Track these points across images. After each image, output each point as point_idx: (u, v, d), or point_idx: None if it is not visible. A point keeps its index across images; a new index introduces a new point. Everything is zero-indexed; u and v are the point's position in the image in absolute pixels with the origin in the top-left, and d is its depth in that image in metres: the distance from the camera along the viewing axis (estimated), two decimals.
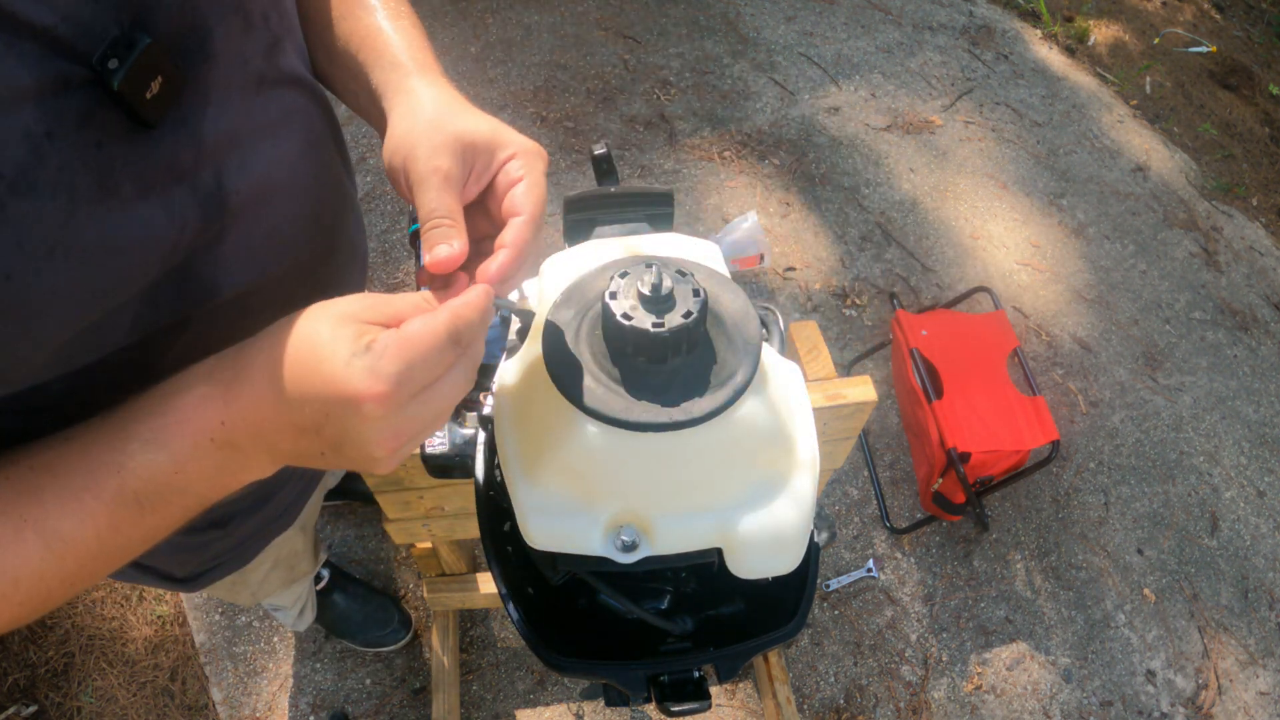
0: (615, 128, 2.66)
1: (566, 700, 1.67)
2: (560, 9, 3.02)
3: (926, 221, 2.56)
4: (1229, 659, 1.89)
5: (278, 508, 0.84)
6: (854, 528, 1.96)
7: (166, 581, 0.82)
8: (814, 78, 2.92)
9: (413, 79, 0.55)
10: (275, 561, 1.05)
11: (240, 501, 0.77)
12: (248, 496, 0.77)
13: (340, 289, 0.69)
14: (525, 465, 0.53)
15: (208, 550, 0.81)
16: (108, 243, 0.42)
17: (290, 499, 0.86)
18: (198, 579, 0.85)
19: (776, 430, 0.52)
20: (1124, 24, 3.45)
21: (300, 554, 1.13)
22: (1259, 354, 2.44)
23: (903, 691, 1.76)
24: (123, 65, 0.38)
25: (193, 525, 0.73)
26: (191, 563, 0.82)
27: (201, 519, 0.74)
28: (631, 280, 0.50)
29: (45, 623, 1.69)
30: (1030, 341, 2.34)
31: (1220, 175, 2.96)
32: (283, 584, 1.15)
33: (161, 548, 0.75)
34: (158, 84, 0.41)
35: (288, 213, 0.58)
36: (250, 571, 0.97)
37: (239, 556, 0.87)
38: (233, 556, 0.86)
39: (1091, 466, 2.13)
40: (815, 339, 0.99)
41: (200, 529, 0.76)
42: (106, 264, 0.42)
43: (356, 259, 0.72)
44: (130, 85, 0.39)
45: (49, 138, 0.37)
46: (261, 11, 0.52)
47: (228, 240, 0.52)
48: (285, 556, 1.07)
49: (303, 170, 0.59)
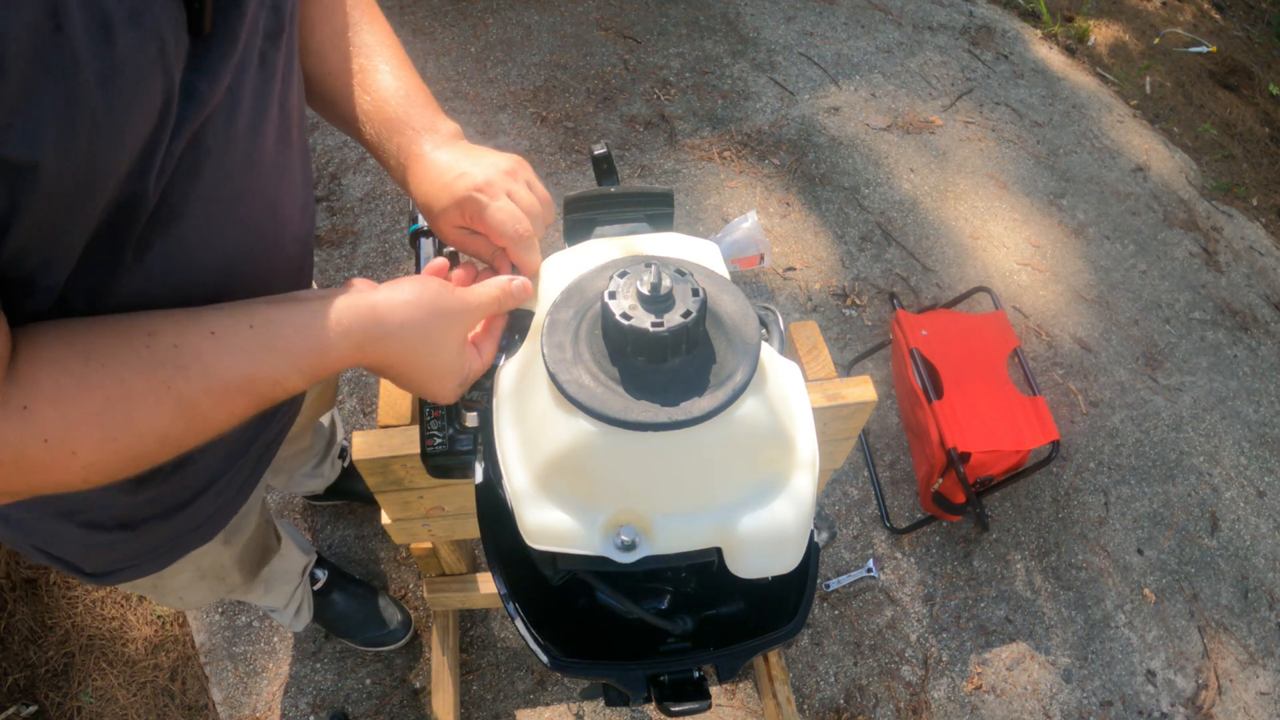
0: (615, 128, 2.66)
1: (566, 700, 1.67)
2: (560, 9, 3.02)
3: (926, 221, 2.56)
4: (1229, 659, 1.89)
5: (195, 518, 0.83)
6: (854, 528, 1.96)
7: (77, 573, 0.82)
8: (814, 78, 2.92)
9: (424, 143, 0.70)
10: (199, 571, 1.01)
11: (150, 507, 0.76)
12: (157, 503, 0.76)
13: (296, 228, 0.75)
14: (525, 465, 0.53)
15: (115, 550, 0.80)
16: (179, 88, 0.47)
17: (210, 511, 0.84)
18: (106, 575, 0.84)
19: (776, 430, 0.52)
20: (1124, 24, 3.45)
21: (228, 567, 1.08)
22: (1259, 354, 2.44)
23: (903, 691, 1.76)
24: None
25: (98, 522, 0.75)
26: (99, 560, 0.81)
27: (108, 518, 0.75)
28: (631, 280, 0.50)
29: (45, 622, 1.69)
30: (1030, 341, 2.34)
31: (1220, 175, 2.96)
32: (215, 594, 1.11)
33: (70, 540, 0.76)
34: None
35: (261, 162, 0.62)
36: (168, 578, 0.94)
37: (151, 561, 0.85)
38: (144, 560, 0.84)
39: (1091, 466, 2.13)
40: (815, 339, 0.99)
41: (106, 528, 0.75)
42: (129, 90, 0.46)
43: (307, 216, 0.78)
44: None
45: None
46: None
47: (187, 163, 0.55)
48: (210, 568, 1.03)
49: (279, 152, 0.63)
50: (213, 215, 0.56)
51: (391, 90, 0.72)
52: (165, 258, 0.54)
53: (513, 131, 2.62)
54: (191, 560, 0.91)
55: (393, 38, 0.78)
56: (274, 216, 0.65)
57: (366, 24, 0.76)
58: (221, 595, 1.15)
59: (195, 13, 0.47)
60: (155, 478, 0.72)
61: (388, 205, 2.39)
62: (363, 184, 2.43)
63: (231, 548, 1.04)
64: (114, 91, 0.42)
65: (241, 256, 0.61)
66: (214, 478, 0.81)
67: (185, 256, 0.56)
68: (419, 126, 0.70)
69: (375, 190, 2.42)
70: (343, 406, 2.00)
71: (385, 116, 0.71)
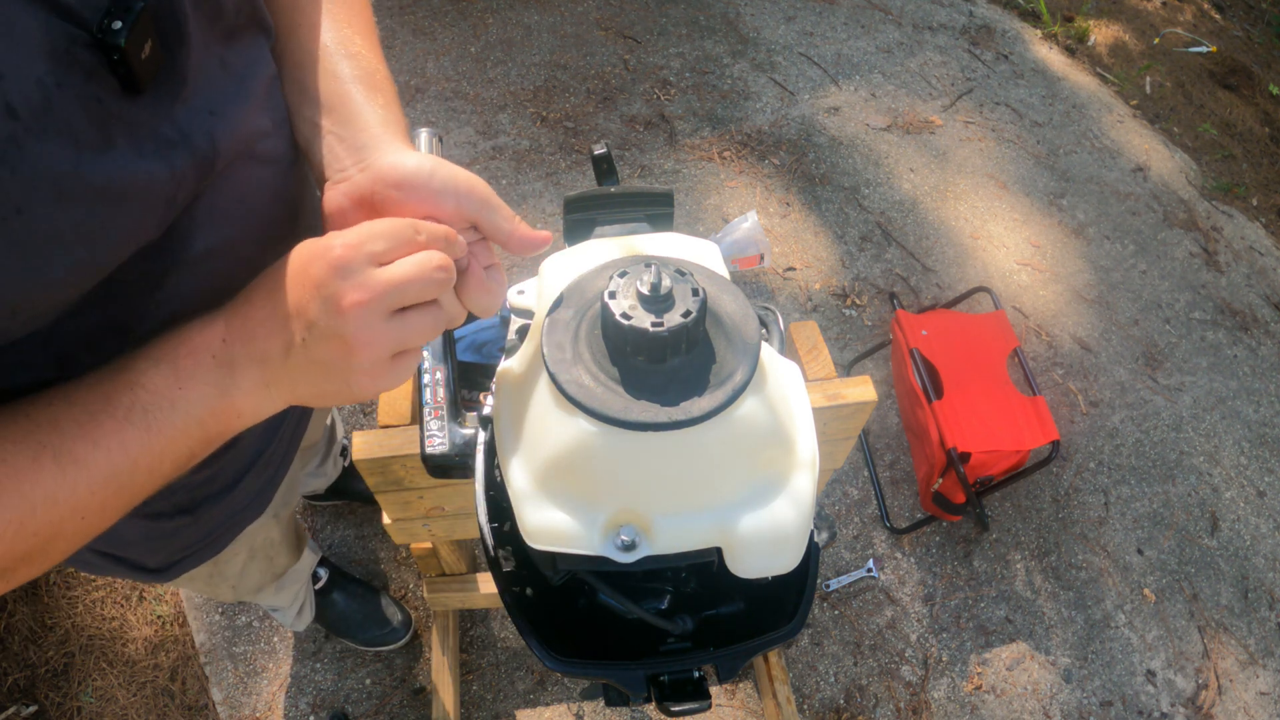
0: (615, 128, 2.66)
1: (566, 700, 1.67)
2: (560, 9, 3.02)
3: (926, 221, 2.56)
4: (1229, 659, 1.89)
5: (246, 495, 0.85)
6: (854, 528, 1.96)
7: (140, 572, 0.83)
8: (814, 78, 2.92)
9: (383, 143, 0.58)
10: (251, 552, 1.05)
11: (206, 487, 0.78)
12: (213, 482, 0.78)
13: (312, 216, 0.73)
14: (525, 465, 0.53)
15: (178, 538, 0.81)
16: (111, 188, 0.44)
17: (258, 486, 0.87)
18: (170, 569, 0.85)
19: (776, 430, 0.52)
20: (1124, 24, 3.45)
21: (277, 544, 1.12)
22: (1259, 354, 2.44)
23: (903, 691, 1.76)
24: (125, 24, 0.42)
25: (161, 512, 0.75)
26: (163, 551, 0.82)
27: (169, 506, 0.76)
28: (631, 280, 0.50)
29: (45, 622, 1.69)
30: (1030, 341, 2.34)
31: (1220, 175, 2.96)
32: (264, 577, 1.15)
33: (133, 537, 0.76)
34: (149, 47, 0.44)
35: (256, 179, 0.60)
36: (225, 563, 0.97)
37: (210, 545, 0.87)
38: (204, 545, 0.86)
39: (1091, 466, 2.13)
40: (815, 339, 0.99)
41: (169, 515, 0.77)
42: (109, 210, 0.45)
43: (315, 230, 0.76)
44: (131, 44, 0.43)
45: (59, 87, 0.40)
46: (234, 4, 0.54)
47: (202, 200, 0.54)
48: (261, 546, 1.07)
49: (271, 146, 0.60)
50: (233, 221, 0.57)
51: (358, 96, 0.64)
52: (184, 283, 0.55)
53: (513, 131, 2.62)
54: (245, 540, 0.94)
55: None
56: (281, 194, 0.64)
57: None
58: (268, 581, 1.18)
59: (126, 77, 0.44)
60: (210, 458, 0.74)
61: None
62: None
63: (280, 521, 1.07)
64: None
65: (258, 229, 0.61)
66: (259, 451, 0.83)
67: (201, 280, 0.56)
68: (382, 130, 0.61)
69: None
70: (343, 407, 2.01)
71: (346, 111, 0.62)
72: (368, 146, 0.56)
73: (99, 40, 0.42)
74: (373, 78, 0.61)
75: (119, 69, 0.43)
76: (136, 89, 0.45)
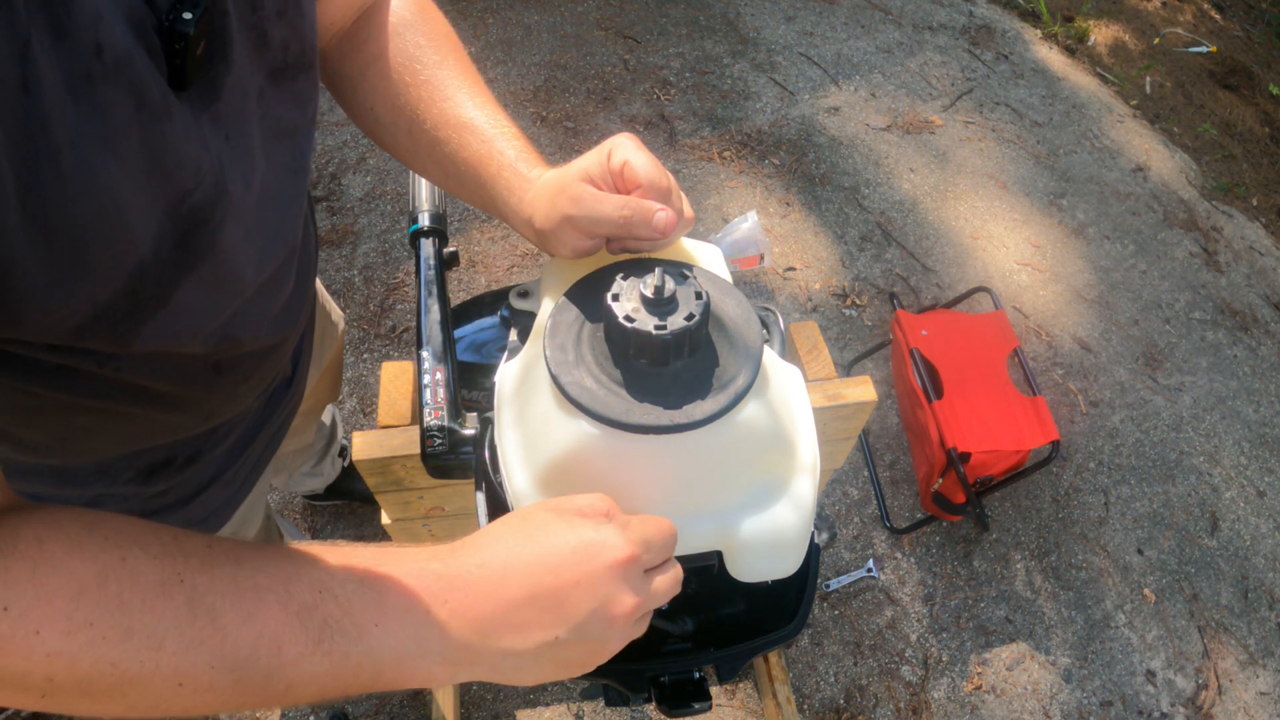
0: (615, 128, 2.66)
1: (566, 700, 1.67)
2: (560, 9, 3.02)
3: (926, 221, 2.56)
4: (1229, 659, 1.89)
5: (204, 509, 0.83)
6: (854, 528, 1.96)
7: None
8: (814, 78, 2.92)
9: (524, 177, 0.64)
10: None
11: (160, 499, 0.77)
12: (168, 495, 0.77)
13: (308, 269, 0.75)
14: (526, 466, 0.53)
15: None
16: (167, 151, 0.44)
17: (218, 503, 0.84)
18: None
19: (777, 434, 0.52)
20: (1124, 24, 3.45)
21: None
22: (1259, 354, 2.44)
23: (903, 691, 1.76)
24: (194, 16, 0.43)
25: None
26: None
27: (124, 512, 0.74)
28: (634, 282, 0.50)
29: None
30: (1030, 341, 2.34)
31: (1220, 175, 2.96)
32: None
33: None
34: (202, 47, 0.45)
35: (278, 199, 0.60)
36: None
37: None
38: None
39: (1091, 466, 2.13)
40: (815, 339, 0.99)
41: None
42: (145, 178, 0.44)
43: (310, 249, 0.77)
44: (194, 37, 0.44)
45: (136, 46, 0.41)
46: (281, 38, 0.54)
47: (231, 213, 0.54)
48: None
49: (289, 181, 0.61)
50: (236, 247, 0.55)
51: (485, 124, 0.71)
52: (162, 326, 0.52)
53: None
54: None
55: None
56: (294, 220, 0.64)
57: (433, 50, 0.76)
58: None
59: None
60: (167, 471, 0.73)
61: (388, 205, 2.39)
62: (363, 184, 2.43)
63: (248, 536, 1.05)
64: None
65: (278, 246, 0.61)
66: (221, 469, 0.81)
67: (178, 327, 0.53)
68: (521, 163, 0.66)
69: (375, 190, 2.42)
70: (343, 406, 2.00)
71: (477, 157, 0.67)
72: None
73: (167, 26, 0.43)
74: None
75: (175, 60, 0.44)
76: (182, 84, 0.45)
